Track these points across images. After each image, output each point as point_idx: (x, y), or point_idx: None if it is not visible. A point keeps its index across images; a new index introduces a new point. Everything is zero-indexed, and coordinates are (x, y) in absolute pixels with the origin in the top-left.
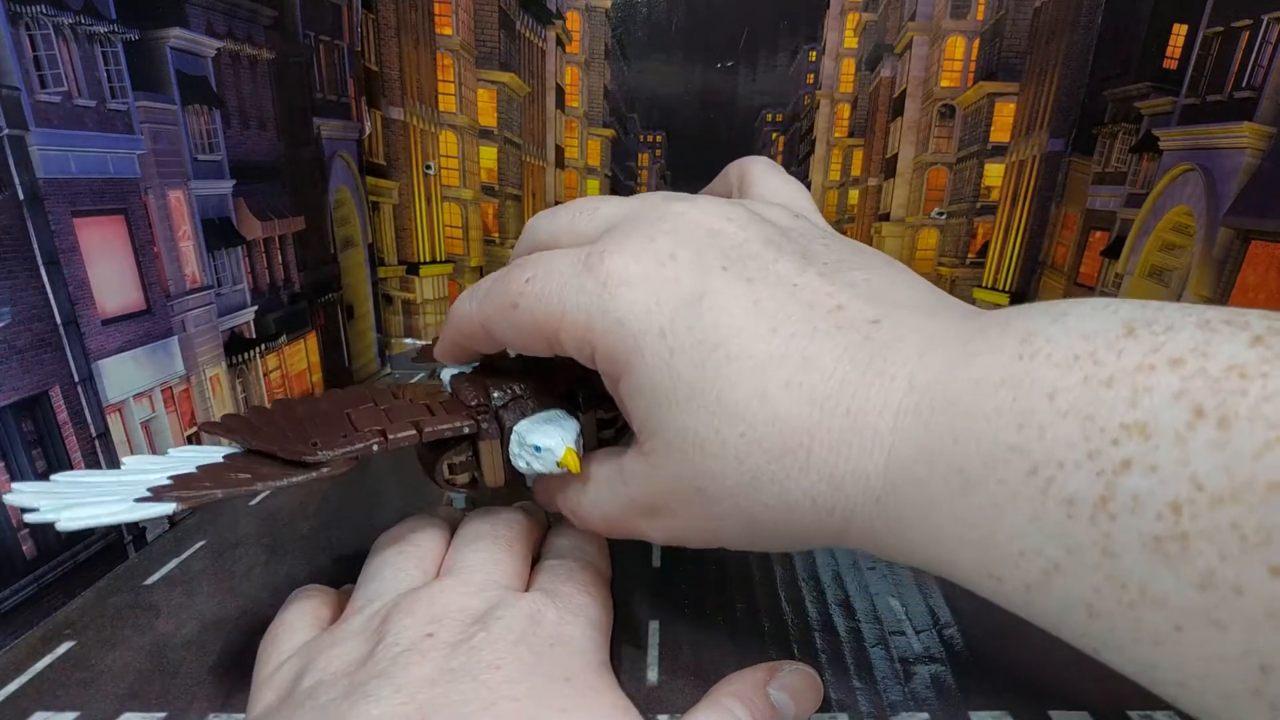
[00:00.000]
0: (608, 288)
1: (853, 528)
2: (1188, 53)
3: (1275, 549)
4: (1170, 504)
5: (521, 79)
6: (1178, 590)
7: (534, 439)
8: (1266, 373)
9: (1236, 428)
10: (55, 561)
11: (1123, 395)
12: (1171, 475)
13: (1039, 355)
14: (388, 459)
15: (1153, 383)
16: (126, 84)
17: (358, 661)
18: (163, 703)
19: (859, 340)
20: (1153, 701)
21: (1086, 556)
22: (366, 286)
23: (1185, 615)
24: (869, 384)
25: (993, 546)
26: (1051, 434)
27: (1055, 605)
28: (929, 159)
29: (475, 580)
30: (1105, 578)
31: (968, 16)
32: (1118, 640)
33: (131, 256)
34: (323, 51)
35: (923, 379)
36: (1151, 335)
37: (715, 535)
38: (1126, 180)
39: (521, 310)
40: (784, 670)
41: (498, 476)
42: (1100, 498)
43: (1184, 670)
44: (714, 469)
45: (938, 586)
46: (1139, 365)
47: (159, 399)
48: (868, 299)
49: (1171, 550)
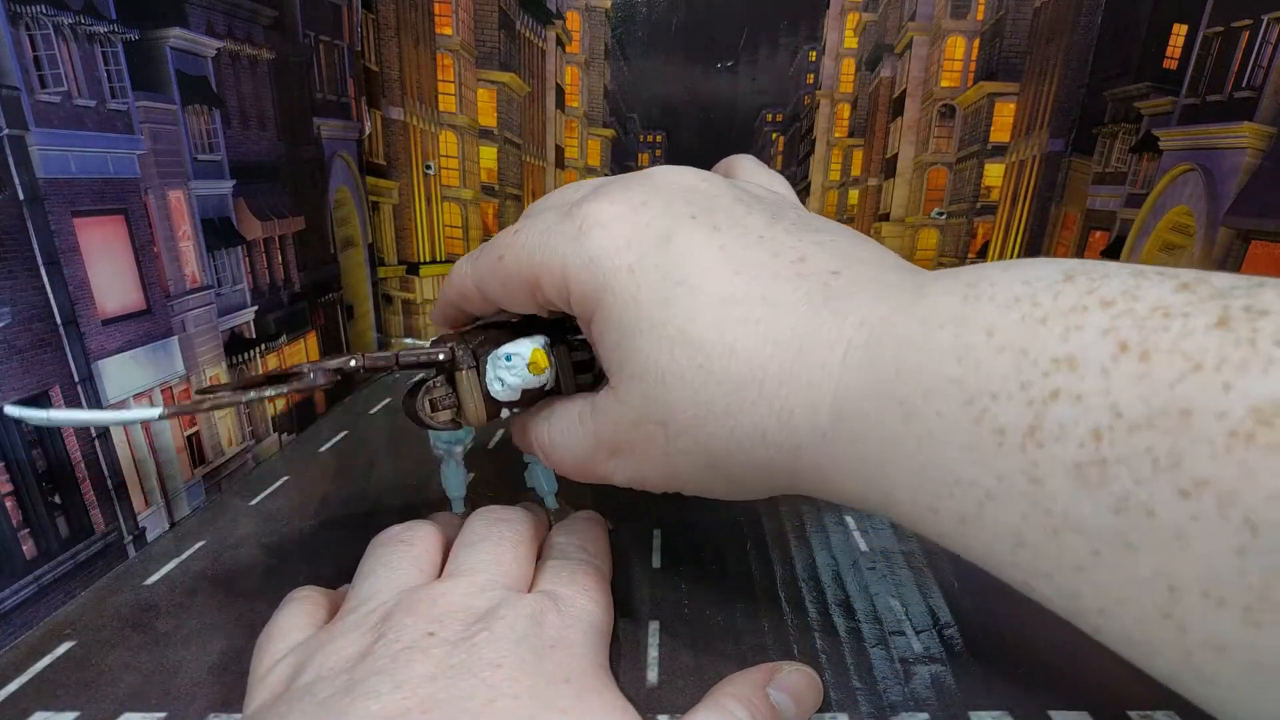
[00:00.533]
0: (583, 229)
1: (802, 465)
2: (1188, 53)
3: (1183, 472)
4: (1092, 431)
5: (521, 79)
6: (1095, 514)
7: (504, 350)
8: (1189, 313)
9: (1156, 360)
10: (55, 561)
11: (1055, 332)
12: (1095, 404)
13: (983, 298)
14: (389, 460)
15: (1084, 321)
16: (126, 84)
17: (357, 658)
18: (163, 703)
19: (818, 287)
20: (1153, 701)
21: (1015, 484)
22: (366, 286)
23: (1102, 539)
24: (823, 323)
25: (929, 479)
26: (988, 367)
27: (987, 536)
28: (929, 159)
29: (479, 581)
30: (1031, 505)
31: (968, 16)
32: (1044, 568)
33: (131, 256)
34: (323, 51)
35: (873, 317)
36: (1088, 280)
37: (674, 475)
38: (1126, 180)
39: (507, 261)
40: (784, 671)
41: (478, 410)
42: (1029, 426)
43: (1103, 596)
44: (672, 400)
45: (938, 586)
46: (1073, 306)
47: (159, 399)
48: (831, 253)
49: (1091, 475)
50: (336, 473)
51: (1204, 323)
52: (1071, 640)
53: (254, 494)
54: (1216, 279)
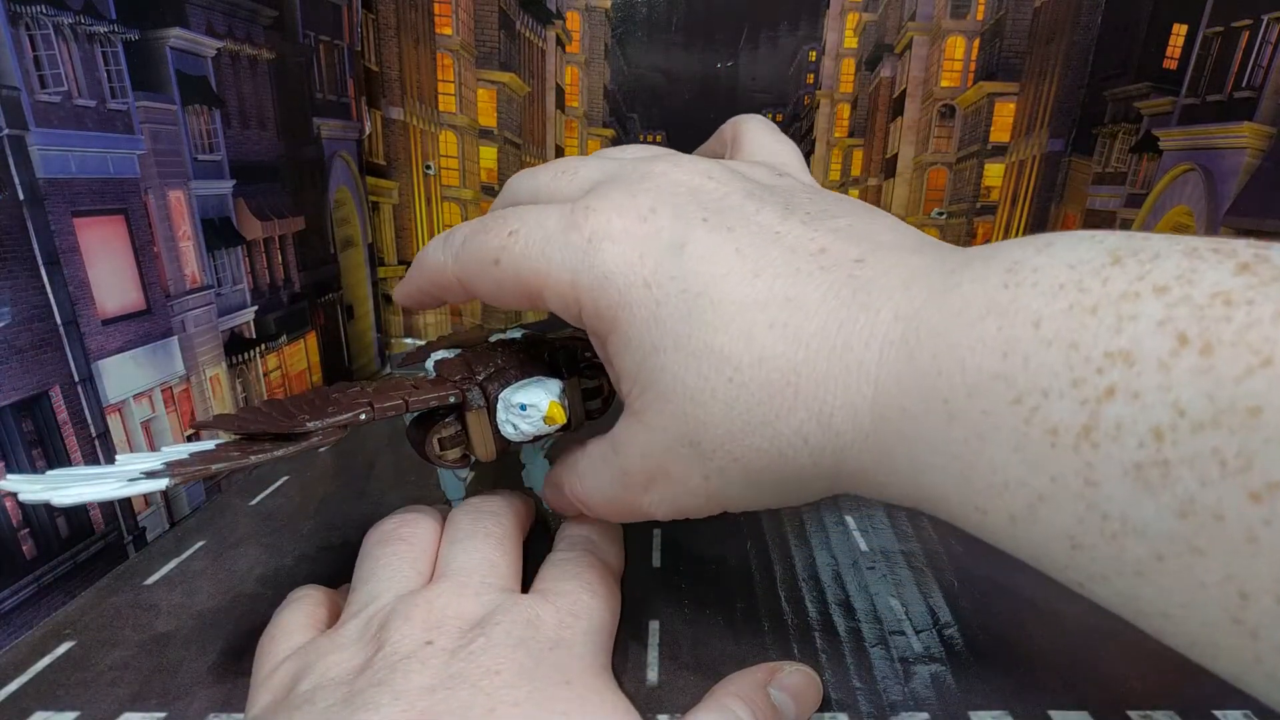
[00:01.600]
0: (592, 243)
1: (845, 467)
2: (1188, 53)
3: (1255, 474)
4: (1153, 430)
5: (521, 79)
6: (1158, 518)
7: (519, 398)
8: (1252, 299)
9: (1220, 354)
10: (55, 561)
11: (1107, 323)
12: (1154, 402)
13: (1024, 284)
14: (389, 460)
15: (1137, 310)
16: (126, 84)
17: (356, 669)
18: (163, 703)
19: (843, 279)
20: (1153, 701)
21: (1069, 486)
22: (366, 286)
23: (1166, 543)
24: (853, 319)
25: (977, 478)
26: (1036, 362)
27: (1039, 538)
28: (929, 159)
29: (472, 584)
30: (1088, 507)
31: (968, 16)
32: (1101, 571)
33: (131, 256)
34: (323, 51)
35: (907, 310)
36: (1137, 263)
37: (717, 495)
38: (1126, 180)
39: (504, 266)
40: (784, 670)
41: (488, 448)
42: (1084, 426)
43: (1167, 600)
44: (704, 418)
45: (938, 586)
46: (1124, 293)
47: (159, 399)
48: (851, 240)
49: (1153, 477)
50: (336, 473)
51: (1270, 310)
52: (1071, 640)
53: (254, 494)
54: (1277, 254)
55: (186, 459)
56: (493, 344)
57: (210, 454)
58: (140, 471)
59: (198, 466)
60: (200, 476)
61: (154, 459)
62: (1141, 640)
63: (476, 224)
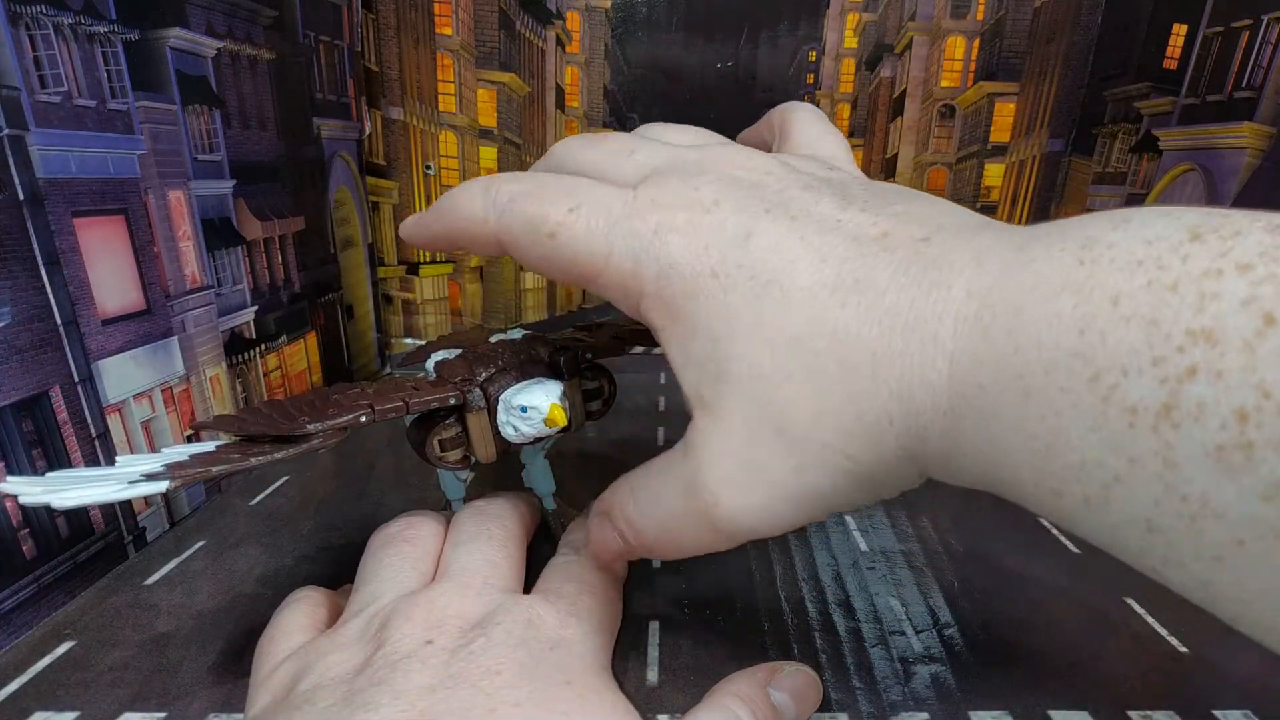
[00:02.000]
0: (658, 235)
1: (929, 447)
2: (1188, 53)
3: None
4: (1236, 412)
5: (521, 79)
6: (1240, 501)
7: (519, 400)
8: None
9: None
10: (55, 561)
11: (1189, 301)
12: (1239, 383)
13: (1100, 260)
14: (389, 461)
15: (1220, 288)
16: (126, 84)
17: (356, 668)
18: (163, 703)
19: (910, 257)
20: (1153, 702)
21: (1147, 467)
22: (366, 286)
23: (1248, 527)
24: (925, 295)
25: (1053, 458)
26: (1114, 339)
27: (1114, 520)
28: (929, 159)
29: (474, 584)
30: (1165, 489)
31: (968, 16)
32: (1177, 556)
33: (131, 256)
34: (323, 51)
35: (979, 286)
36: (1219, 240)
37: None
38: (1126, 180)
39: (560, 242)
40: (784, 671)
41: (489, 450)
42: (1164, 405)
43: (1245, 586)
44: (784, 401)
45: (938, 586)
46: (1205, 270)
47: (159, 399)
48: (912, 222)
49: (1235, 460)
50: (337, 473)
51: None
52: (1072, 640)
53: (254, 494)
54: None
55: (186, 461)
56: (493, 344)
57: (210, 456)
58: (140, 473)
59: (198, 469)
60: (200, 479)
61: (154, 461)
62: (1141, 640)
63: (528, 185)
